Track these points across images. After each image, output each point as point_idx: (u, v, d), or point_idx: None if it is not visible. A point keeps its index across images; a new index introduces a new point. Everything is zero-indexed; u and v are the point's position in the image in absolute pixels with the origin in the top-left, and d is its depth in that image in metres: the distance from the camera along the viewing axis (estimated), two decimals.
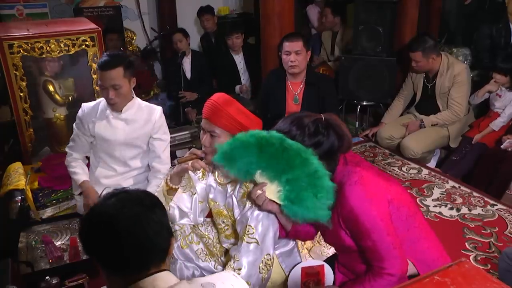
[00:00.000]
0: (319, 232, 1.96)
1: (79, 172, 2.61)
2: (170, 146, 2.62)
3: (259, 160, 1.63)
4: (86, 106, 2.59)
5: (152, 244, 1.14)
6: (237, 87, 4.60)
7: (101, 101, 2.58)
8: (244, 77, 4.71)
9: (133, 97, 2.55)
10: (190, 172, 2.06)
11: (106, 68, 2.36)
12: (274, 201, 1.69)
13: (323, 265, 1.89)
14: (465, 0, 4.45)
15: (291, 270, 1.91)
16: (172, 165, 1.91)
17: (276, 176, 1.64)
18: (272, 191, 1.67)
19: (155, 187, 2.41)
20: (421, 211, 1.89)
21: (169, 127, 2.68)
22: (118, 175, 2.63)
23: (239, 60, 4.65)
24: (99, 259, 1.15)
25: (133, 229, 1.12)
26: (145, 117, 2.57)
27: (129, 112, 2.54)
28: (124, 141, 2.56)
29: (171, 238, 1.20)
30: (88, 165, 2.72)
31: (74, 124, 2.64)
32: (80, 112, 2.59)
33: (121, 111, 2.52)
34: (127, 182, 2.63)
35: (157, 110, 2.60)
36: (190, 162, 1.85)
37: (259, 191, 1.68)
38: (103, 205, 1.17)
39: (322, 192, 1.60)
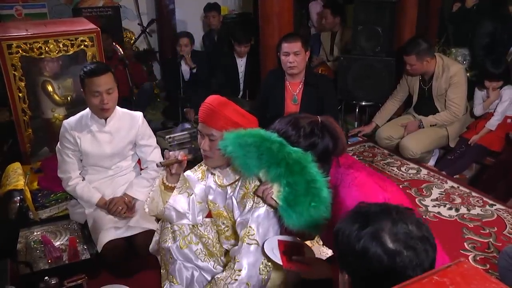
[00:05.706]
0: None
1: (89, 195, 2.52)
2: (170, 146, 2.61)
3: (259, 162, 1.63)
4: (69, 122, 2.52)
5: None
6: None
7: (83, 115, 2.54)
8: (243, 81, 4.68)
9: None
10: (189, 173, 2.06)
11: (100, 73, 2.37)
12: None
13: (303, 243, 1.86)
14: (453, 6, 4.49)
15: (264, 241, 1.78)
16: (157, 166, 1.89)
17: (276, 178, 1.65)
18: (275, 189, 1.68)
19: (145, 181, 2.58)
20: (417, 210, 1.89)
21: (167, 127, 2.67)
22: (108, 178, 2.62)
23: (241, 63, 4.64)
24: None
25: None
26: (128, 125, 2.57)
27: (113, 123, 2.53)
28: (111, 153, 2.56)
29: None
30: None
31: (58, 146, 2.55)
32: (63, 129, 2.50)
33: (105, 122, 2.51)
34: (118, 181, 2.63)
35: (139, 116, 2.60)
36: (175, 166, 1.84)
37: (263, 187, 1.71)
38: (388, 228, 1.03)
39: (316, 202, 1.60)
